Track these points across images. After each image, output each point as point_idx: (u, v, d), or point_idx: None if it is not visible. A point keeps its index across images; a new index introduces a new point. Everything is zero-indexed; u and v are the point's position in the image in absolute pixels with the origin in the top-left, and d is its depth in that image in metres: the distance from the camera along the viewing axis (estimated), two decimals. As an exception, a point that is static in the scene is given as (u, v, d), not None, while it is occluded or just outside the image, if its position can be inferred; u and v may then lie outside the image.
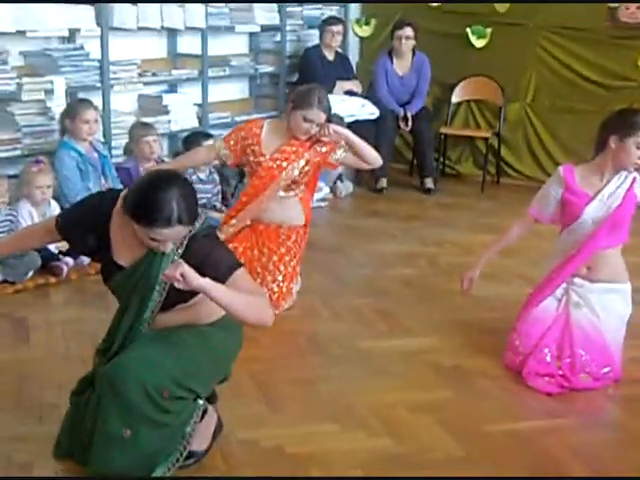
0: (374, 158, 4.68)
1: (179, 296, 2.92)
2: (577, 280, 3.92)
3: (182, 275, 2.67)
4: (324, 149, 4.59)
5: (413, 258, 5.60)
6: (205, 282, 2.71)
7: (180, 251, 2.85)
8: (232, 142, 4.65)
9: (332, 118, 4.75)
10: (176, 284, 2.69)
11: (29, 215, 5.02)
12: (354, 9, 8.33)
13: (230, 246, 4.59)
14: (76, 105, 5.50)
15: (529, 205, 4.06)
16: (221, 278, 2.81)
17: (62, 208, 5.19)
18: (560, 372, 3.76)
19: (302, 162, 4.57)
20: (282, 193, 4.62)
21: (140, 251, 2.91)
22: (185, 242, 2.86)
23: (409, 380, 3.85)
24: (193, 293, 2.88)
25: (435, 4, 7.79)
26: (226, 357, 3.14)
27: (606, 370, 3.81)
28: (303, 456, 3.16)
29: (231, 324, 3.04)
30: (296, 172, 4.56)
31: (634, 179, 3.84)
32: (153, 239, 2.79)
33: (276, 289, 4.58)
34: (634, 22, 7.00)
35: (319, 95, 4.55)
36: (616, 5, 7.02)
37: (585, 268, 3.90)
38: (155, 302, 2.93)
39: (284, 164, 4.56)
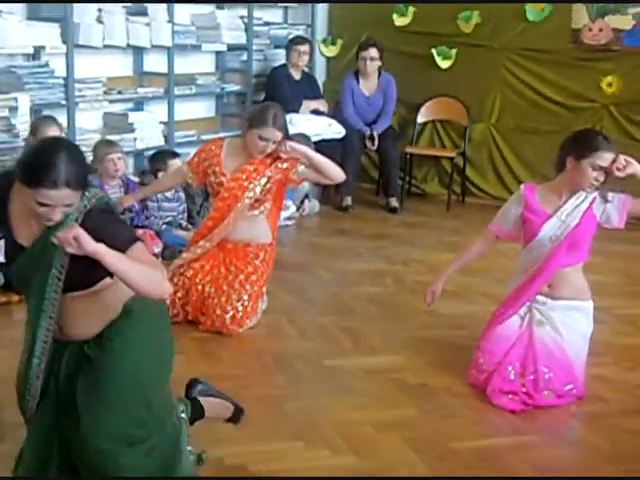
0: (336, 173, 4.68)
1: (82, 272, 2.80)
2: (539, 298, 3.95)
3: (75, 238, 2.59)
4: (285, 165, 4.61)
5: (379, 276, 5.61)
6: (100, 246, 2.62)
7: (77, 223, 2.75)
8: (195, 164, 4.67)
9: (293, 136, 4.77)
10: (69, 249, 2.61)
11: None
12: (321, 29, 8.37)
13: (197, 264, 4.59)
14: (39, 122, 5.47)
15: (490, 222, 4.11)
16: (119, 248, 2.72)
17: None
18: (524, 389, 3.78)
19: (263, 180, 4.58)
20: (247, 212, 4.62)
21: (39, 230, 2.82)
22: (81, 217, 2.77)
23: (374, 398, 3.85)
24: (97, 270, 2.76)
25: (401, 24, 7.85)
26: (161, 347, 3.04)
27: (569, 387, 3.83)
28: (267, 474, 3.15)
29: (151, 306, 2.96)
30: (258, 190, 4.56)
31: (594, 199, 3.88)
32: (41, 204, 2.71)
33: (240, 308, 4.55)
34: (597, 44, 7.10)
35: (274, 113, 4.56)
36: (580, 27, 7.11)
37: (546, 286, 3.93)
38: (56, 278, 2.80)
39: (245, 183, 4.56)
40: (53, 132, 5.40)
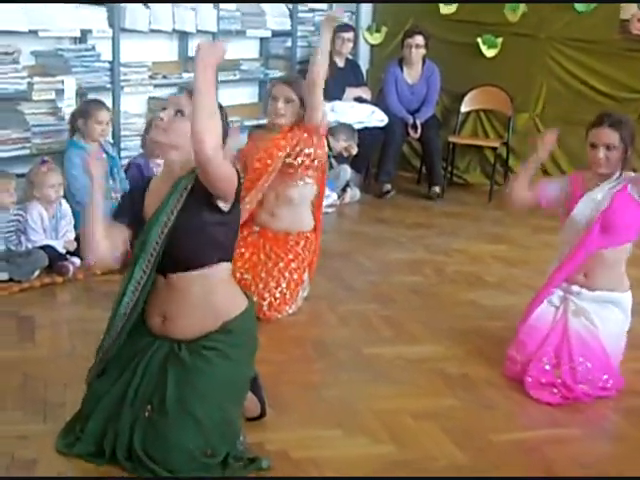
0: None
1: (192, 245, 2.97)
2: (575, 288, 3.91)
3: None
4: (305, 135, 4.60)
5: (419, 266, 5.59)
6: (210, 67, 2.81)
7: (190, 185, 2.97)
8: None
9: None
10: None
11: (39, 216, 5.02)
12: (365, 16, 8.34)
13: (237, 251, 4.58)
14: (90, 106, 5.50)
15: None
16: None
17: (71, 207, 5.21)
18: (559, 380, 3.73)
19: (287, 150, 4.56)
20: (300, 182, 4.62)
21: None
22: (192, 179, 2.96)
23: (414, 387, 3.84)
24: (207, 248, 2.97)
25: (446, 12, 7.81)
26: (248, 372, 3.21)
27: (605, 377, 3.77)
28: (307, 460, 3.15)
29: (250, 330, 3.14)
30: (279, 163, 4.55)
31: (626, 185, 3.81)
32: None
33: (278, 295, 4.54)
34: (645, 35, 7.00)
35: (285, 76, 4.54)
36: (628, 17, 7.01)
37: (582, 275, 3.89)
38: (163, 223, 2.96)
39: (268, 161, 4.57)
40: (104, 117, 5.44)
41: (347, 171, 7.11)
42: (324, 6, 8.10)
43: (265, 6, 7.21)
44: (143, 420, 2.97)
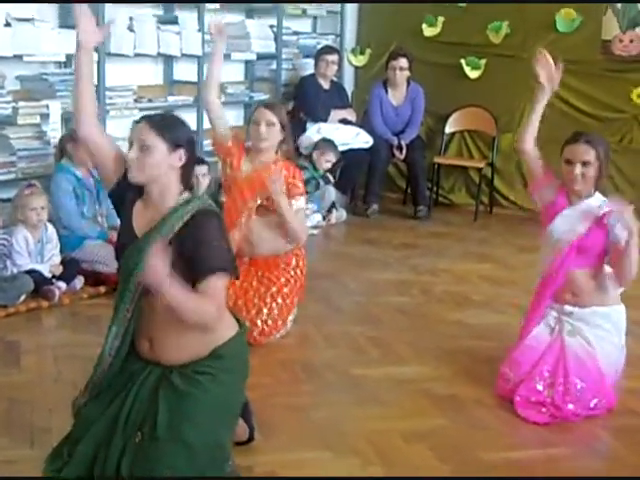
0: (297, 231, 4.53)
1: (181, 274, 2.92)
2: (567, 308, 3.92)
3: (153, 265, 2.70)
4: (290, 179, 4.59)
5: (406, 286, 5.59)
6: (165, 284, 2.73)
7: (183, 220, 2.91)
8: (234, 142, 4.67)
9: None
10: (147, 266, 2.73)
11: (24, 240, 5.00)
12: (349, 39, 8.39)
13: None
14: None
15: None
16: (199, 273, 2.85)
17: (57, 232, 5.19)
18: (549, 399, 3.72)
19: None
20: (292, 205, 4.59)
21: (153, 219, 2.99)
22: (187, 216, 2.90)
23: (403, 408, 3.83)
24: (191, 271, 2.90)
25: (430, 34, 7.85)
26: (239, 396, 3.18)
27: (596, 401, 3.76)
28: (298, 484, 3.15)
29: (241, 355, 3.11)
30: (259, 201, 4.54)
31: (609, 212, 3.79)
32: None
33: (270, 322, 4.52)
34: (627, 55, 7.06)
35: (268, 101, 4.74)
36: (610, 38, 7.07)
37: (570, 294, 3.91)
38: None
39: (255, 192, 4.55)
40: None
41: (331, 192, 7.12)
42: (308, 29, 8.16)
43: (250, 29, 7.23)
44: (133, 446, 2.94)
